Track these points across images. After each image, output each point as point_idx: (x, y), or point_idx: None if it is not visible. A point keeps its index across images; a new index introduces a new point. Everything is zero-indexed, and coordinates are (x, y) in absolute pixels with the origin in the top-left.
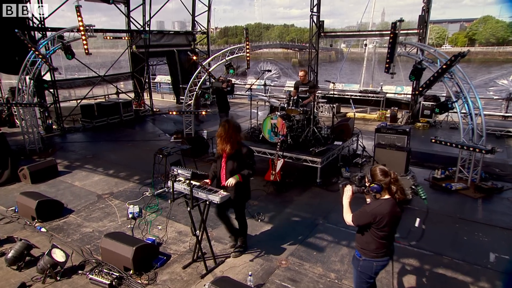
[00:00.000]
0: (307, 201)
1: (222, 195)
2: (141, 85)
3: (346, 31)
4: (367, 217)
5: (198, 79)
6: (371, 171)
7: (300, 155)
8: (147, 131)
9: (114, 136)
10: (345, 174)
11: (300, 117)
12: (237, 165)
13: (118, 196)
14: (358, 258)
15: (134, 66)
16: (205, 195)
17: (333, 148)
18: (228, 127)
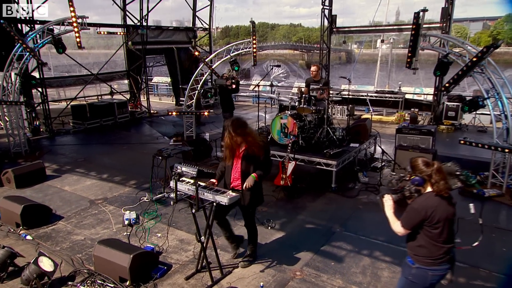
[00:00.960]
0: (322, 208)
1: (230, 196)
2: (138, 84)
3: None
4: (417, 214)
5: (200, 77)
6: (411, 162)
7: (313, 157)
8: (144, 133)
9: (108, 138)
10: (363, 179)
11: (312, 117)
12: (253, 164)
13: (113, 201)
14: (411, 265)
15: (130, 64)
16: (212, 196)
17: (349, 151)
18: (233, 129)
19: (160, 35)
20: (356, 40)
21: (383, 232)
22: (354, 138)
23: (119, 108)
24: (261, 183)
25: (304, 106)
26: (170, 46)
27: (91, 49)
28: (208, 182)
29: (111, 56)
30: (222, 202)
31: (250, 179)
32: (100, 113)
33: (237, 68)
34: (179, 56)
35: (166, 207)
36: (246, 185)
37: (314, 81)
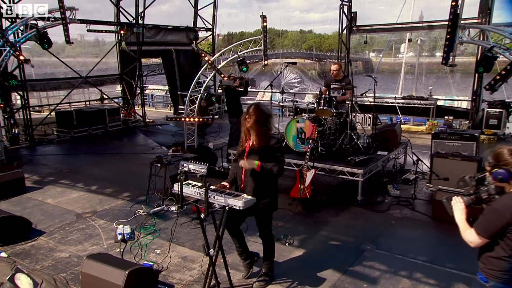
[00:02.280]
0: (347, 223)
1: (245, 199)
2: (132, 90)
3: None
4: (499, 217)
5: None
6: (495, 151)
7: (335, 165)
8: (138, 143)
9: (97, 148)
10: (393, 192)
11: (333, 121)
12: (261, 159)
13: (103, 215)
14: (483, 283)
15: (123, 67)
16: (224, 199)
17: (376, 158)
18: (257, 112)
19: (157, 35)
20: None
21: (423, 250)
22: (381, 145)
23: (111, 116)
24: (277, 187)
25: (324, 108)
26: (168, 47)
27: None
28: (218, 185)
29: (102, 57)
30: (236, 206)
31: (250, 161)
32: (88, 120)
33: (245, 68)
34: (178, 59)
35: (166, 221)
36: (241, 162)
37: (336, 81)
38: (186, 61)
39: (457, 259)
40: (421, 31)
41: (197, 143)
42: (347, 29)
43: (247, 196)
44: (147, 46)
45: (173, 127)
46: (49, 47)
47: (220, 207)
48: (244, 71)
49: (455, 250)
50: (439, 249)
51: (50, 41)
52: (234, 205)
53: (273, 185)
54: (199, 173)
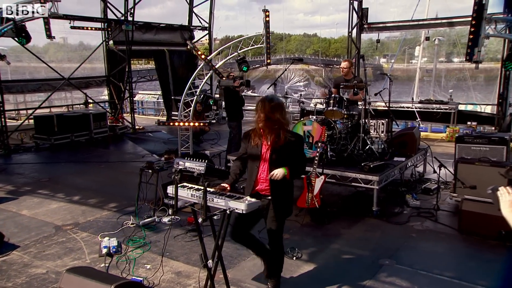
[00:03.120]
0: (362, 236)
1: (249, 202)
2: (120, 94)
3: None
4: None
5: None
6: None
7: (347, 172)
8: (127, 151)
9: (80, 156)
10: (413, 202)
11: (344, 124)
12: (286, 161)
13: (86, 227)
14: None
15: (110, 68)
16: (224, 202)
17: (393, 165)
18: (267, 107)
19: (148, 33)
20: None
21: (450, 266)
22: (398, 150)
23: (96, 121)
24: (292, 188)
25: (333, 109)
26: (161, 47)
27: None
28: (218, 187)
29: (87, 56)
30: (238, 209)
31: (281, 170)
32: (71, 126)
33: (246, 68)
34: (172, 61)
35: (157, 234)
36: (272, 175)
37: (346, 80)
38: (180, 63)
39: (489, 275)
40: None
41: (192, 150)
42: (358, 27)
43: (251, 199)
44: (137, 45)
45: (166, 134)
46: (28, 41)
47: (221, 211)
48: (245, 71)
49: (487, 266)
50: (469, 264)
51: (29, 36)
52: (236, 208)
53: (289, 184)
54: (196, 171)
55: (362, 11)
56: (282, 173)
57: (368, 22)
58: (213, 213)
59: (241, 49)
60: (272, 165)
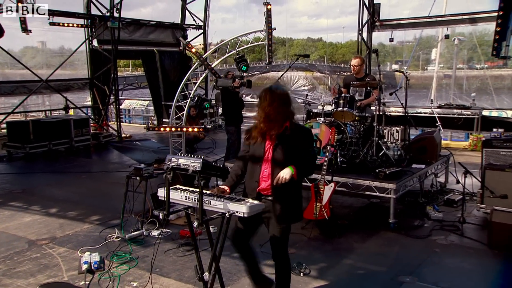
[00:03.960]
0: (378, 250)
1: (251, 204)
2: (104, 98)
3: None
4: None
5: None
6: None
7: (360, 179)
8: (111, 161)
9: (59, 166)
10: (435, 215)
11: (355, 127)
12: (291, 157)
13: (64, 242)
14: None
15: (94, 70)
16: (223, 204)
17: (412, 172)
18: (271, 98)
19: (137, 32)
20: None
21: (480, 284)
22: (417, 157)
23: (78, 128)
24: (300, 189)
25: (344, 110)
26: (150, 48)
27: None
28: (215, 189)
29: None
30: (239, 212)
31: (287, 171)
32: (49, 133)
33: (245, 67)
34: (162, 63)
35: (145, 248)
36: (278, 179)
37: (357, 79)
38: (172, 65)
39: None
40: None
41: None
42: (368, 24)
43: (253, 201)
44: (124, 45)
45: (155, 143)
46: (1, 36)
47: (219, 214)
48: (244, 70)
49: None
50: (500, 282)
51: (2, 29)
52: (236, 211)
53: (296, 183)
54: (192, 168)
55: (374, 7)
56: (289, 173)
57: (380, 19)
58: (210, 217)
59: (239, 47)
60: (275, 163)
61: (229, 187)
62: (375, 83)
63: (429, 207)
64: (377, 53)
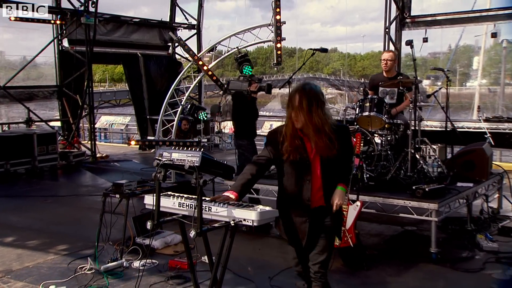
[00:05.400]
0: (418, 286)
1: (262, 210)
2: (76, 110)
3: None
4: None
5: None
6: None
7: (392, 198)
8: (83, 183)
9: (18, 190)
10: (488, 245)
11: (384, 136)
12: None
13: (23, 275)
14: None
15: (64, 76)
16: (227, 211)
17: (457, 191)
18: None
19: (117, 31)
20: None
21: None
22: (462, 173)
23: (42, 145)
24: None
25: (371, 115)
26: (133, 51)
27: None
28: (217, 196)
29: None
30: (247, 220)
31: (341, 194)
32: (7, 151)
33: (248, 70)
34: (148, 69)
35: (125, 282)
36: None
37: (388, 78)
38: (158, 72)
39: None
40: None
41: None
42: (397, 22)
43: (264, 207)
44: (101, 46)
45: (137, 163)
46: None
47: (222, 223)
48: (247, 74)
49: None
50: None
51: None
52: (243, 219)
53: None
54: (188, 163)
55: (403, 0)
56: (344, 195)
57: (411, 15)
58: (211, 226)
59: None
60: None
61: (237, 194)
62: (409, 81)
63: (480, 236)
64: (411, 44)
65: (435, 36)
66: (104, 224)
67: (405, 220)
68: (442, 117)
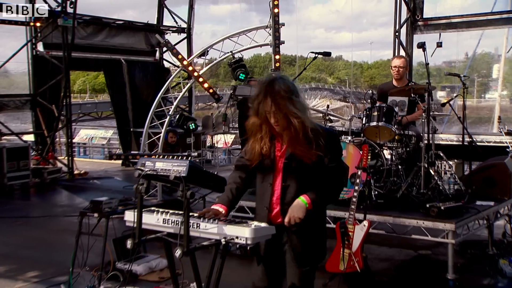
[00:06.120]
0: None
1: (257, 227)
2: (51, 121)
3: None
4: None
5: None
6: None
7: (403, 217)
8: (59, 203)
9: None
10: (511, 271)
11: (394, 149)
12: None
13: None
14: None
15: (39, 84)
16: (217, 228)
17: (476, 209)
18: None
19: (98, 35)
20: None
21: None
22: (482, 191)
23: (13, 160)
24: (325, 216)
25: (379, 125)
26: (115, 56)
27: None
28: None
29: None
30: (240, 238)
31: (298, 206)
32: None
33: (243, 76)
34: (132, 76)
35: None
36: (288, 219)
37: (397, 87)
38: (144, 80)
39: None
40: None
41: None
42: (408, 25)
43: (261, 224)
44: (80, 51)
45: (120, 181)
46: None
47: (212, 242)
48: (242, 80)
49: None
50: None
51: None
52: (236, 236)
53: (322, 218)
54: (174, 173)
55: (415, 1)
56: (302, 210)
57: (424, 18)
58: (199, 244)
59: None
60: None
61: (226, 208)
62: (421, 88)
63: (503, 261)
64: (424, 47)
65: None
66: (81, 247)
67: (419, 243)
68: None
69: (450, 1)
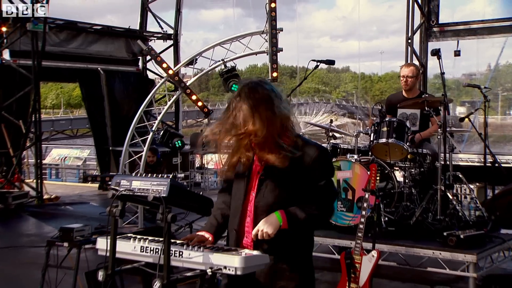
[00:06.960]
0: None
1: (248, 255)
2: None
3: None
4: None
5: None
6: None
7: (417, 247)
8: (25, 232)
9: None
10: None
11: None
12: (286, 191)
13: None
14: None
15: (4, 96)
16: (202, 256)
17: (501, 239)
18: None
19: (73, 41)
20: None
21: None
22: (507, 218)
23: None
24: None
25: (389, 141)
26: (92, 66)
27: None
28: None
29: None
30: (228, 268)
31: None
32: None
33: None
34: (111, 88)
35: None
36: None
37: (408, 99)
38: (125, 92)
39: None
40: None
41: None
42: (422, 30)
43: (252, 252)
44: (52, 60)
45: (96, 207)
46: None
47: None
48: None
49: None
50: None
51: None
52: (223, 266)
53: (307, 241)
54: (153, 193)
55: (430, 5)
56: (275, 226)
57: (440, 23)
58: (181, 275)
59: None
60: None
61: (213, 235)
62: (436, 100)
63: None
64: (439, 54)
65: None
66: (48, 282)
67: (435, 276)
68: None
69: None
